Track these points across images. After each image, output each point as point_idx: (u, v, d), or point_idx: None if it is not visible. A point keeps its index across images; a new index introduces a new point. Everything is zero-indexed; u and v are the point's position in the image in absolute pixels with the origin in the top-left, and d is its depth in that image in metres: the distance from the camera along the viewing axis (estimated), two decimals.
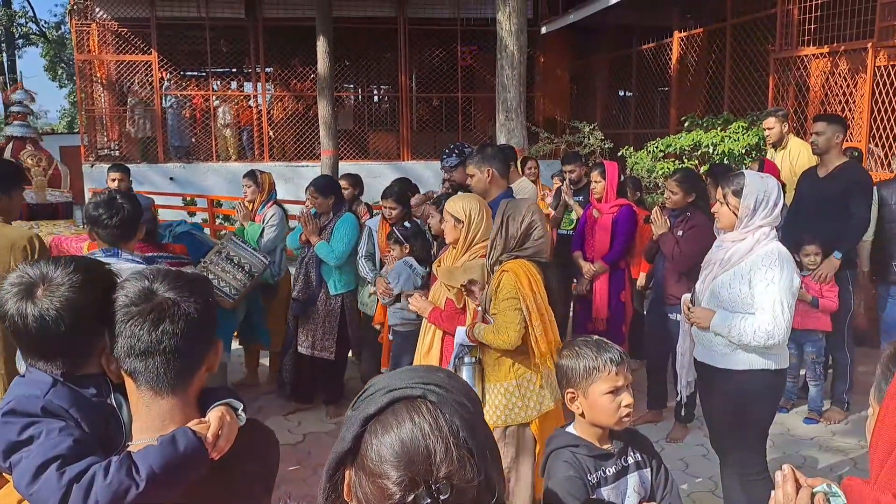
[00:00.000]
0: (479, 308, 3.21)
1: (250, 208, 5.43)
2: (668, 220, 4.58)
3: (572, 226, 5.92)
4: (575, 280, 5.36)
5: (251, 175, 5.53)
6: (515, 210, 3.12)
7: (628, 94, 13.69)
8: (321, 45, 10.66)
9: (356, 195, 6.00)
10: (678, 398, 3.75)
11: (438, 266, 3.62)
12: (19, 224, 3.59)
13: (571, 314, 5.71)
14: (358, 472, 0.95)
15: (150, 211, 3.58)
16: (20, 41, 33.41)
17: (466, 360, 3.16)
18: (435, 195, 5.39)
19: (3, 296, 1.44)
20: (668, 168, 7.58)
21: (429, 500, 0.89)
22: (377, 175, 12.08)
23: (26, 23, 32.94)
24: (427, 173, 12.44)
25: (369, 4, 13.40)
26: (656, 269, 4.88)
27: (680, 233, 4.50)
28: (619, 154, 8.34)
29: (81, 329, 1.42)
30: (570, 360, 2.11)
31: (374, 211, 6.22)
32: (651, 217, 4.66)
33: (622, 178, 5.49)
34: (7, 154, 4.10)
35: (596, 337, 2.19)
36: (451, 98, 14.26)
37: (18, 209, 3.60)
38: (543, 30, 13.69)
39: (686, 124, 8.48)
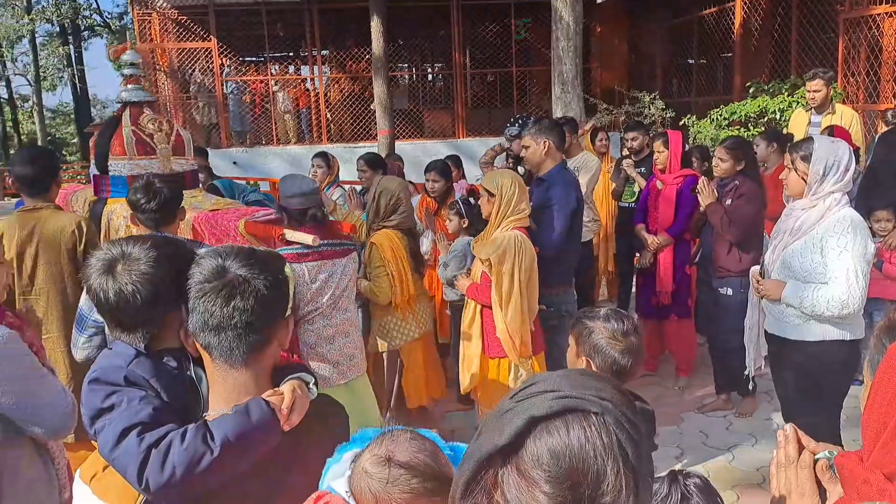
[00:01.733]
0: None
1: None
2: (715, 190, 4.47)
3: (634, 198, 5.81)
4: (638, 253, 5.28)
5: (323, 156, 5.58)
6: (386, 188, 3.97)
7: (689, 61, 13.30)
8: (375, 26, 10.68)
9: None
10: (746, 372, 3.67)
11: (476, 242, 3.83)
12: None
13: (635, 288, 5.63)
14: (511, 471, 0.87)
15: (316, 195, 3.38)
16: (85, 33, 34.47)
17: None
18: (501, 148, 5.43)
19: (88, 272, 1.53)
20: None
21: None
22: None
23: (91, 15, 33.96)
24: (482, 150, 12.32)
25: None
26: (703, 243, 4.77)
27: (729, 202, 4.38)
28: (682, 123, 8.14)
29: (158, 303, 1.48)
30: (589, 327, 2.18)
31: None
32: (698, 187, 4.55)
33: (686, 147, 5.35)
34: (125, 122, 3.81)
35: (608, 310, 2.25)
36: (506, 73, 14.12)
37: (59, 193, 3.71)
38: None
39: (751, 91, 8.20)
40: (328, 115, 13.81)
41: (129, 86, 4.07)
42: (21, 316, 2.17)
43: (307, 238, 3.12)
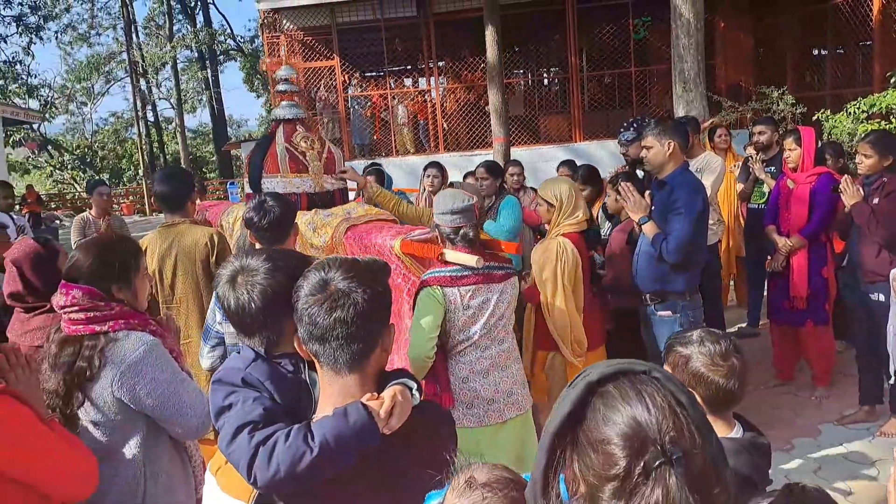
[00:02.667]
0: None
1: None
2: (860, 189, 4.17)
3: (764, 199, 5.53)
4: (769, 256, 5.02)
5: (438, 166, 5.74)
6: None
7: (823, 52, 12.50)
8: (489, 35, 10.75)
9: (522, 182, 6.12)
10: (890, 381, 3.41)
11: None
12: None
13: (766, 292, 5.35)
14: (579, 441, 0.96)
15: (471, 212, 3.08)
16: (221, 57, 36.78)
17: None
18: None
19: (217, 282, 1.69)
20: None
21: (661, 461, 0.88)
22: (549, 158, 12.01)
23: (225, 40, 36.22)
24: (601, 153, 12.17)
25: None
26: (850, 245, 4.46)
27: (876, 201, 4.07)
28: (814, 118, 7.65)
29: (272, 311, 1.60)
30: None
31: None
32: (840, 186, 4.25)
33: (819, 144, 5.04)
34: (279, 139, 3.87)
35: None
36: (624, 74, 13.81)
37: (195, 209, 3.91)
38: None
39: (892, 80, 7.60)
40: (445, 125, 14.02)
41: (284, 102, 4.11)
42: (162, 323, 2.34)
43: (470, 259, 2.91)
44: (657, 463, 0.88)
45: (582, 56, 14.37)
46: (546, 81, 17.72)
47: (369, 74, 16.42)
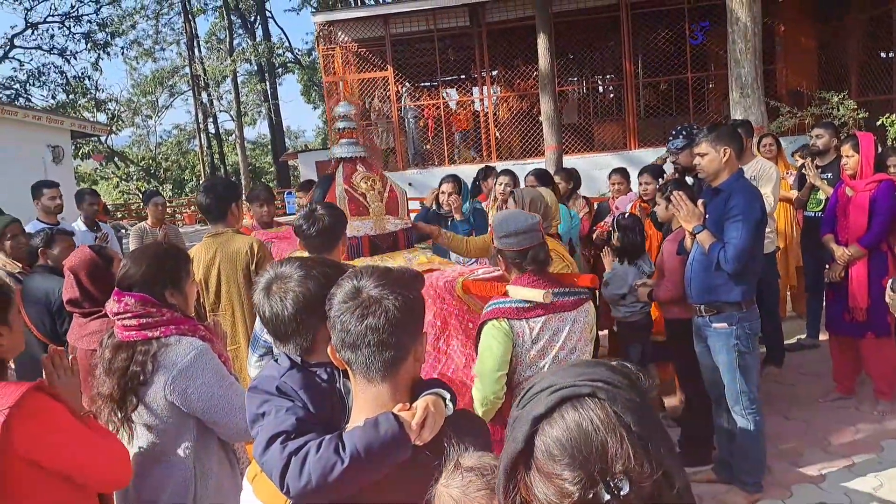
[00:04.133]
0: None
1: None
2: None
3: (820, 206, 5.36)
4: (827, 266, 4.86)
5: (510, 173, 5.68)
6: (534, 196, 3.67)
7: (890, 55, 12.06)
8: (541, 43, 10.74)
9: (571, 189, 6.03)
10: None
11: None
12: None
13: (824, 304, 5.18)
14: (533, 472, 0.95)
15: (536, 232, 2.80)
16: (279, 70, 37.62)
17: None
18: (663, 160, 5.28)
19: (254, 290, 1.74)
20: None
21: (608, 497, 0.87)
22: (603, 166, 11.89)
23: (283, 52, 37.04)
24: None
25: None
26: None
27: None
28: (878, 123, 7.40)
29: (305, 317, 1.63)
30: None
31: (595, 203, 6.19)
32: None
33: (880, 149, 4.87)
34: (338, 179, 3.74)
35: None
36: (680, 80, 13.59)
37: (240, 218, 3.95)
38: None
39: None
40: (497, 134, 14.04)
41: (343, 140, 3.94)
42: (211, 329, 2.42)
43: (536, 294, 2.65)
44: (607, 498, 0.87)
45: (637, 62, 14.20)
46: (600, 88, 17.58)
47: (423, 84, 16.57)
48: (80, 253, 2.90)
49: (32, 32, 27.09)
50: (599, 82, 17.63)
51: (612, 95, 16.32)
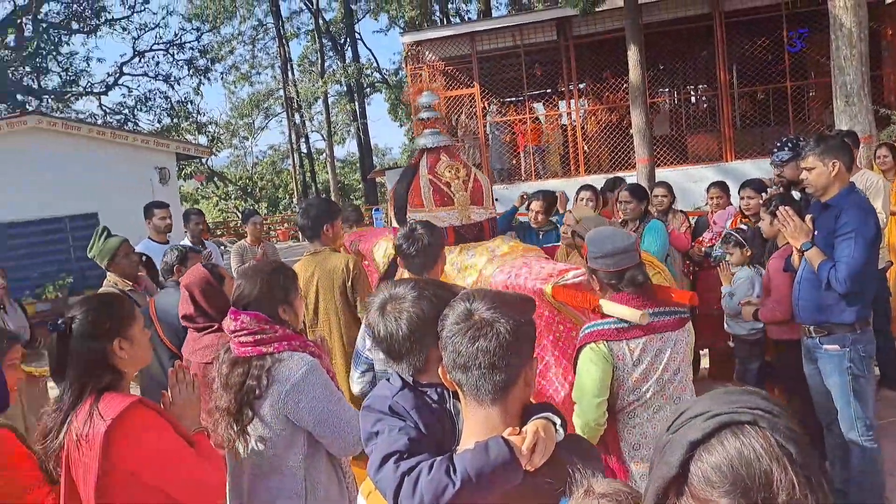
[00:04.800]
0: None
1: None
2: None
3: None
4: None
5: (592, 188, 5.63)
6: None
7: None
8: (632, 54, 10.57)
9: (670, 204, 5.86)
10: None
11: None
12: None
13: None
14: (686, 498, 0.93)
15: (634, 252, 2.67)
16: (368, 90, 38.52)
17: None
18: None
19: (368, 309, 1.79)
20: None
21: None
22: (697, 179, 11.58)
23: (371, 73, 37.92)
24: (754, 172, 11.52)
25: (680, 5, 12.93)
26: None
27: None
28: None
29: (418, 337, 1.66)
30: None
31: (693, 218, 6.01)
32: None
33: None
34: (422, 170, 3.69)
35: None
36: (779, 89, 13.08)
37: (341, 236, 4.05)
38: None
39: None
40: (586, 148, 13.88)
41: (426, 130, 3.92)
42: (319, 345, 2.49)
43: (633, 314, 2.52)
44: None
45: (732, 71, 13.77)
46: (693, 99, 17.13)
47: (508, 100, 16.60)
48: (194, 271, 3.06)
49: (140, 60, 28.80)
50: (692, 93, 17.19)
51: (705, 106, 15.87)
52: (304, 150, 37.78)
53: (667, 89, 16.66)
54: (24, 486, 1.99)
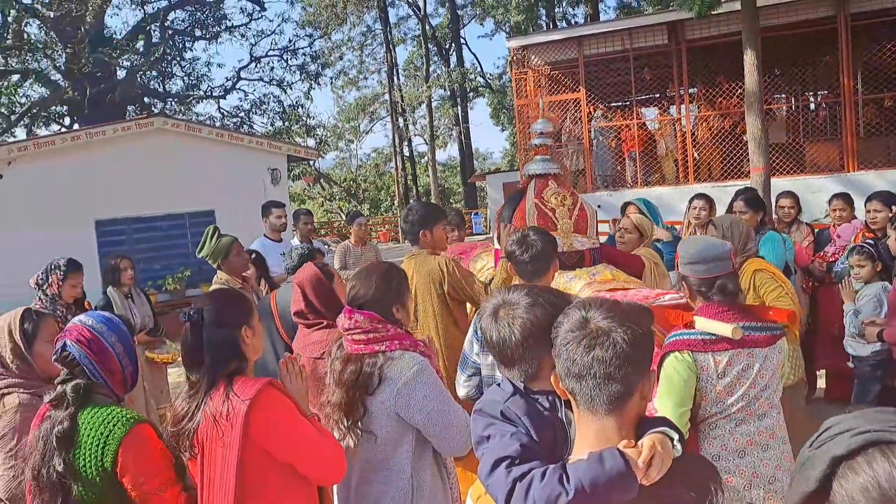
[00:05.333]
0: None
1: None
2: None
3: None
4: None
5: (705, 197, 5.44)
6: (734, 220, 3.78)
7: None
8: (748, 59, 10.15)
9: (796, 215, 5.57)
10: None
11: None
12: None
13: None
14: None
15: (728, 262, 2.62)
16: (471, 94, 38.81)
17: None
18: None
19: (482, 314, 1.81)
20: None
21: None
22: (816, 189, 11.00)
23: (475, 78, 38.17)
24: (879, 183, 10.83)
25: (801, 8, 12.31)
26: None
27: None
28: None
29: (531, 344, 1.66)
30: None
31: (816, 230, 5.70)
32: None
33: None
34: (529, 194, 3.78)
35: None
36: None
37: (443, 240, 4.10)
38: None
39: None
40: (695, 155, 13.44)
41: (537, 157, 3.99)
42: (428, 345, 2.53)
43: (725, 329, 2.47)
44: None
45: (856, 77, 12.99)
46: (812, 106, 16.27)
47: (615, 105, 16.30)
48: (306, 269, 3.18)
49: (256, 66, 30.13)
50: (811, 99, 16.33)
51: (825, 113, 15.04)
52: (407, 154, 38.45)
53: (783, 95, 15.89)
54: (160, 486, 2.11)
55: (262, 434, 2.02)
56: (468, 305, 3.91)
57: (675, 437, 1.44)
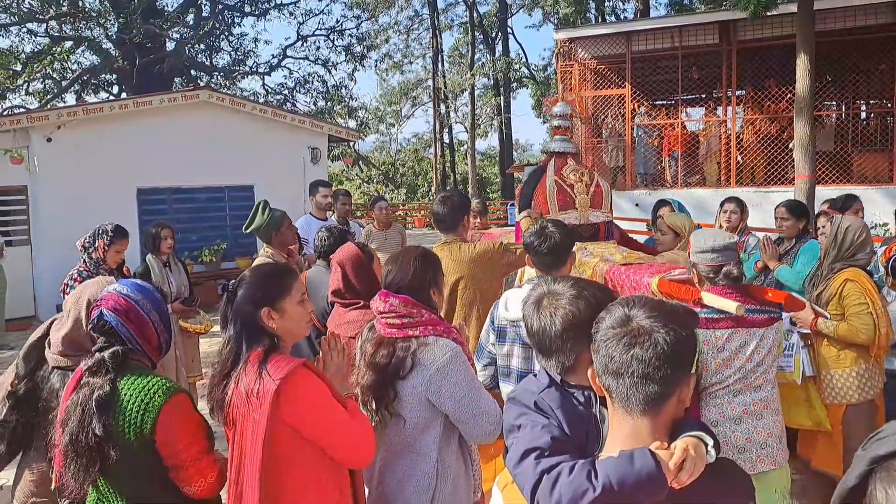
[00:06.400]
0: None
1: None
2: None
3: None
4: None
5: (736, 200, 5.35)
6: (852, 225, 3.80)
7: None
8: (801, 63, 9.92)
9: None
10: None
11: None
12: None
13: None
14: None
15: (733, 251, 2.94)
16: (514, 84, 38.56)
17: (802, 343, 3.82)
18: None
19: (524, 303, 1.81)
20: None
21: None
22: (864, 200, 10.73)
23: (519, 68, 37.91)
24: None
25: (860, 13, 11.98)
26: None
27: None
28: None
29: (571, 336, 1.66)
30: None
31: None
32: None
33: None
34: (549, 172, 4.01)
35: None
36: None
37: (469, 230, 4.11)
38: None
39: None
40: (739, 159, 13.21)
41: (557, 137, 4.22)
42: (460, 332, 2.54)
43: (730, 305, 2.73)
44: None
45: None
46: (863, 115, 15.87)
47: (659, 103, 16.07)
48: (347, 248, 3.20)
49: (302, 44, 30.24)
50: (862, 108, 15.92)
51: (876, 123, 14.65)
52: (447, 141, 38.38)
53: (834, 103, 15.52)
54: (197, 454, 2.15)
55: (291, 414, 2.03)
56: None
57: (710, 442, 1.42)
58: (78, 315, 2.50)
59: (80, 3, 22.93)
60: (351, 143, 27.14)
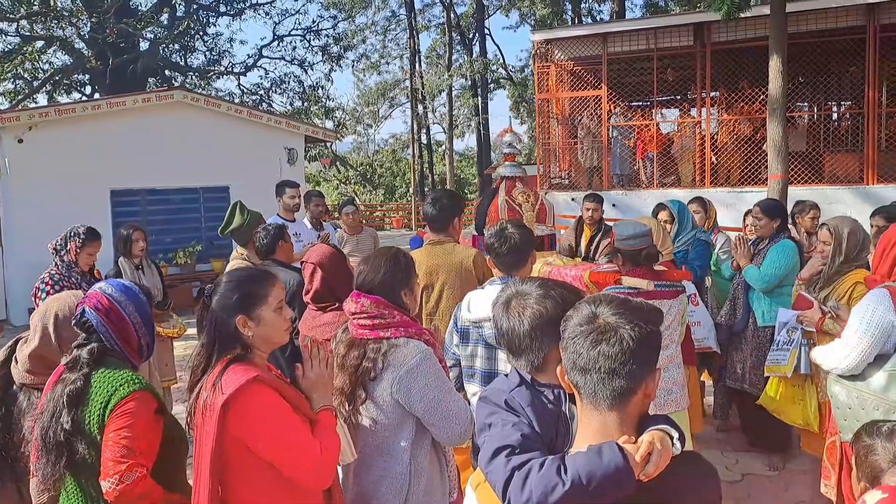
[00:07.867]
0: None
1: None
2: None
3: None
4: None
5: (700, 201, 5.52)
6: (853, 228, 3.90)
7: None
8: (774, 65, 10.05)
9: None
10: None
11: None
12: None
13: None
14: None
15: (647, 237, 3.70)
16: (491, 85, 38.66)
17: (804, 340, 4.06)
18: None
19: (494, 303, 1.83)
20: None
21: None
22: (834, 200, 10.94)
23: (497, 69, 38.02)
24: None
25: (831, 16, 12.18)
26: None
27: None
28: None
29: (539, 335, 1.69)
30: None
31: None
32: None
33: None
34: (501, 193, 4.48)
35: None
36: None
37: (460, 230, 4.17)
38: None
39: None
40: (713, 159, 13.35)
41: (507, 163, 4.89)
42: (433, 334, 2.53)
43: (642, 283, 3.52)
44: None
45: (882, 90, 12.85)
46: (835, 116, 16.11)
47: (635, 104, 16.20)
48: (323, 250, 3.18)
49: (278, 44, 30.11)
50: (833, 109, 16.17)
51: (847, 124, 14.89)
52: (425, 142, 38.37)
53: (806, 104, 15.75)
54: (123, 451, 2.06)
55: (238, 429, 1.96)
56: None
57: (676, 435, 1.45)
58: (45, 331, 2.46)
59: (52, 2, 22.60)
60: (328, 144, 27.06)
